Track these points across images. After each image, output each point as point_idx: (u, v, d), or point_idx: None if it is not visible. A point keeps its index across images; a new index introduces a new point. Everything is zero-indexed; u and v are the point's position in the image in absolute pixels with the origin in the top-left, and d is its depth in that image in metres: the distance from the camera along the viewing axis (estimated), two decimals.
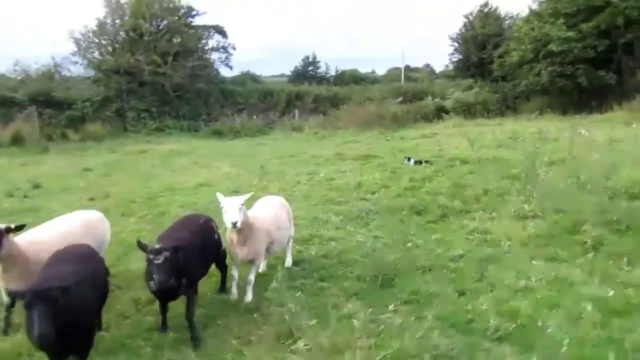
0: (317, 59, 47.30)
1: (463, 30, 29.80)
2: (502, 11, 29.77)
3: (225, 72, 31.64)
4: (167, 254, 3.55)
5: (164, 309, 4.05)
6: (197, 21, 27.74)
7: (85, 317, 3.25)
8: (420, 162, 10.94)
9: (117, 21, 25.11)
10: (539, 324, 3.66)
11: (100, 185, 11.17)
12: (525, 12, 25.49)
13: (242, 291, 4.61)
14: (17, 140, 19.44)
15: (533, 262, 4.94)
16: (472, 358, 3.24)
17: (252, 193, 4.65)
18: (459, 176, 8.92)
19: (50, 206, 9.11)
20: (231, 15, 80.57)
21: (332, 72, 46.47)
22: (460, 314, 3.91)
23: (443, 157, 11.62)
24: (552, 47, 19.84)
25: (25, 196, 10.14)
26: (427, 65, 53.64)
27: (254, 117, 25.77)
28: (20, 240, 3.97)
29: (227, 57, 29.99)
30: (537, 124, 16.08)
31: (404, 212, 7.05)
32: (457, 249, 5.42)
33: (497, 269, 4.80)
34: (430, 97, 25.31)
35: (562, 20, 20.19)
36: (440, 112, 23.64)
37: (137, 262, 5.82)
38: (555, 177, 7.63)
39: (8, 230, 3.77)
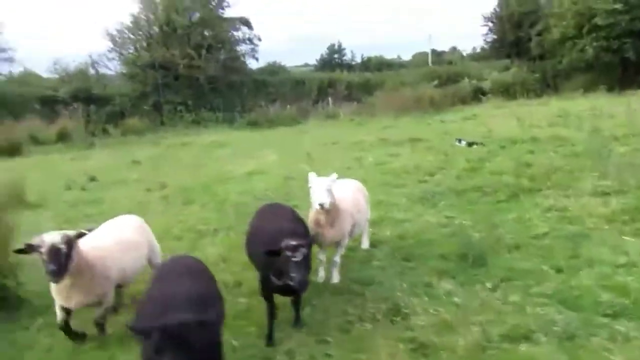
0: (343, 47, 47.01)
1: (497, 9, 28.96)
2: None
3: (251, 64, 31.64)
4: (304, 250, 3.31)
5: (272, 313, 3.67)
6: (227, 13, 27.91)
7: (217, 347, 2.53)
8: (472, 144, 10.71)
9: (151, 16, 25.40)
10: None
11: (152, 177, 11.37)
12: None
13: (327, 273, 4.60)
14: (63, 137, 20.05)
15: (625, 237, 4.75)
16: (593, 334, 3.13)
17: (337, 175, 4.55)
18: (519, 155, 8.69)
19: (111, 197, 9.35)
20: (252, 6, 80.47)
21: (358, 60, 46.18)
22: (565, 290, 3.79)
23: (492, 138, 11.36)
24: (598, 20, 19.05)
25: (82, 189, 10.41)
26: (454, 49, 52.59)
27: (288, 106, 25.77)
28: (84, 247, 3.51)
29: (253, 49, 29.70)
30: (585, 102, 15.55)
31: (470, 193, 6.92)
32: (539, 228, 5.27)
33: (589, 246, 4.65)
34: (466, 79, 24.73)
35: None
36: (477, 94, 23.14)
37: (212, 247, 5.93)
38: (627, 152, 7.32)
39: (78, 236, 3.35)
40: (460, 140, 11.06)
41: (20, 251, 3.32)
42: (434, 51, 45.03)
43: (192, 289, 2.68)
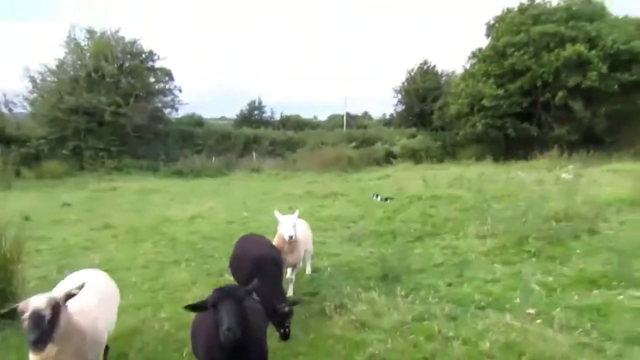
0: (263, 104, 49.62)
1: (405, 84, 33.37)
2: (439, 68, 33.87)
3: (171, 114, 31.52)
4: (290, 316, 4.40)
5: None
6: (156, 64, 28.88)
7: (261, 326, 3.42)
8: (386, 199, 12.85)
9: (78, 62, 25.76)
10: (512, 300, 5.40)
11: (91, 218, 11.96)
12: (459, 71, 29.46)
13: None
14: None
15: (495, 265, 6.78)
16: (468, 316, 4.90)
17: (298, 211, 6.04)
18: (423, 208, 10.87)
19: (57, 235, 9.87)
20: (171, 55, 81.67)
21: (277, 117, 49.00)
22: (453, 294, 5.60)
23: (403, 195, 13.62)
24: (485, 102, 23.21)
25: (20, 228, 10.68)
26: (366, 113, 57.85)
27: (213, 158, 26.96)
28: (71, 309, 3.19)
29: (172, 99, 29.95)
30: (475, 169, 18.78)
31: (386, 236, 8.78)
32: (437, 259, 7.18)
33: (470, 270, 6.58)
34: (380, 143, 27.93)
35: (492, 80, 23.77)
36: (389, 157, 26.25)
37: (179, 274, 7.00)
38: (501, 208, 9.73)
39: (67, 298, 3.05)
40: (377, 196, 13.18)
41: (2, 315, 3.06)
42: (348, 114, 49.21)
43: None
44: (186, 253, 8.17)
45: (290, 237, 5.42)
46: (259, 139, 30.64)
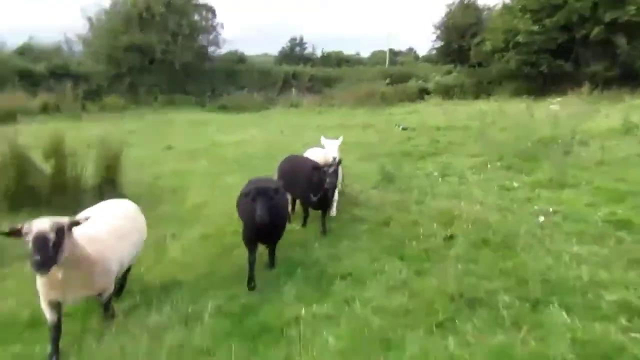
0: (304, 41, 50.54)
1: (445, 19, 33.51)
2: (481, 2, 33.65)
3: (214, 51, 33.43)
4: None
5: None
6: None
7: (284, 215, 4.90)
8: (405, 128, 14.68)
9: (128, 2, 27.87)
10: (473, 195, 7.34)
11: (154, 142, 14.50)
12: (500, 6, 29.40)
13: None
14: (45, 109, 22.40)
15: (472, 174, 8.67)
16: (441, 202, 6.93)
17: (342, 137, 7.37)
18: (434, 136, 12.68)
19: (131, 155, 12.43)
20: None
21: (319, 53, 49.93)
22: (433, 190, 7.60)
23: (423, 126, 15.34)
24: (519, 38, 23.70)
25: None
26: (411, 49, 57.50)
27: (255, 94, 29.09)
28: (81, 238, 3.34)
29: (215, 36, 31.92)
30: (499, 104, 19.97)
31: (396, 156, 10.75)
32: (429, 169, 9.16)
33: (452, 177, 8.53)
34: (414, 80, 29.02)
35: (528, 15, 24.05)
36: (422, 93, 27.43)
37: (231, 179, 9.32)
38: (500, 135, 11.43)
39: (72, 225, 3.14)
40: (399, 125, 15.02)
41: (4, 234, 3.02)
42: (391, 50, 49.40)
43: (268, 182, 4.74)
44: (233, 166, 10.50)
45: (334, 159, 6.21)
46: (298, 76, 32.32)
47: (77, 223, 3.16)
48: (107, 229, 3.76)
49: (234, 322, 3.91)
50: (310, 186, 5.60)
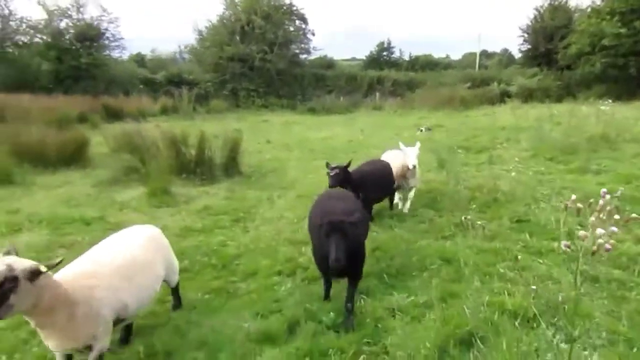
0: (392, 45, 52.67)
1: (532, 22, 34.03)
2: (572, 4, 33.70)
3: (305, 57, 36.78)
4: None
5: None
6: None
7: (361, 248, 4.09)
8: (430, 129, 16.60)
9: (232, 17, 32.17)
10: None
11: (256, 138, 17.77)
12: (593, 6, 29.49)
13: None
14: (164, 111, 27.00)
15: (517, 163, 10.61)
16: (487, 171, 9.12)
17: (420, 144, 8.40)
18: (496, 134, 14.55)
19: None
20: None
21: (406, 57, 51.76)
22: (479, 170, 9.74)
23: (494, 125, 17.10)
24: (605, 41, 24.17)
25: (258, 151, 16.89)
26: (506, 50, 57.02)
27: (341, 97, 32.00)
28: (65, 275, 2.97)
29: (307, 44, 35.45)
30: (576, 107, 20.89)
31: (460, 148, 12.86)
32: (482, 159, 11.21)
33: (498, 164, 10.54)
34: (495, 83, 30.15)
35: (617, 17, 24.39)
36: (504, 97, 28.51)
37: (317, 164, 12.08)
38: (555, 132, 13.07)
39: (34, 273, 2.60)
40: (421, 129, 16.92)
41: None
42: (484, 52, 49.72)
43: (345, 205, 4.15)
44: (320, 155, 13.28)
45: (414, 167, 7.05)
46: (382, 80, 34.76)
47: (39, 272, 2.62)
48: (108, 263, 3.25)
49: None
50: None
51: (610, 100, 16.29)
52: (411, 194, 7.64)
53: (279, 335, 3.75)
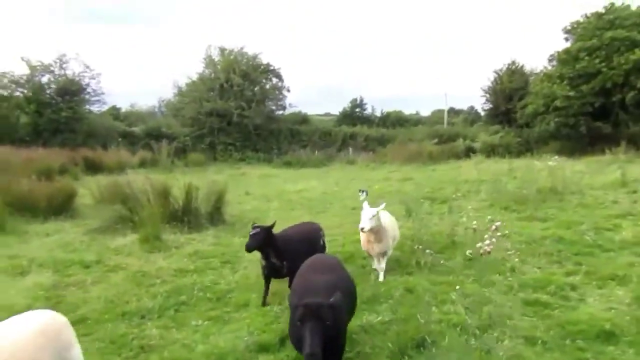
0: (364, 102, 55.54)
1: (493, 84, 36.97)
2: (528, 68, 36.88)
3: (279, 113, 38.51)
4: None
5: None
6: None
7: (343, 331, 3.67)
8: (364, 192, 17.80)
9: (212, 75, 33.95)
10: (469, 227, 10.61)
11: (234, 190, 18.74)
12: (545, 70, 32.50)
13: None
14: (143, 164, 27.83)
15: (471, 212, 11.89)
16: (445, 218, 10.30)
17: (385, 204, 7.01)
18: (459, 187, 15.99)
19: None
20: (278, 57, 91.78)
21: (378, 113, 54.54)
22: (443, 220, 10.94)
23: (457, 179, 18.62)
24: (557, 103, 26.66)
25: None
26: (472, 108, 60.82)
27: (316, 152, 33.55)
28: None
29: (282, 100, 37.42)
30: (532, 162, 22.84)
31: (425, 200, 14.14)
32: (443, 210, 12.47)
33: (455, 213, 11.80)
34: (461, 139, 32.34)
35: (566, 82, 27.07)
36: (469, 152, 30.56)
37: (295, 215, 13.10)
38: (511, 185, 14.56)
39: None
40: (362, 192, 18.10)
41: None
42: (451, 109, 53.03)
43: (327, 279, 3.81)
44: (297, 205, 14.36)
45: (362, 229, 6.19)
46: (355, 136, 36.68)
47: None
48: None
49: None
50: None
51: (556, 157, 17.99)
52: (382, 264, 6.79)
53: (272, 345, 4.66)
